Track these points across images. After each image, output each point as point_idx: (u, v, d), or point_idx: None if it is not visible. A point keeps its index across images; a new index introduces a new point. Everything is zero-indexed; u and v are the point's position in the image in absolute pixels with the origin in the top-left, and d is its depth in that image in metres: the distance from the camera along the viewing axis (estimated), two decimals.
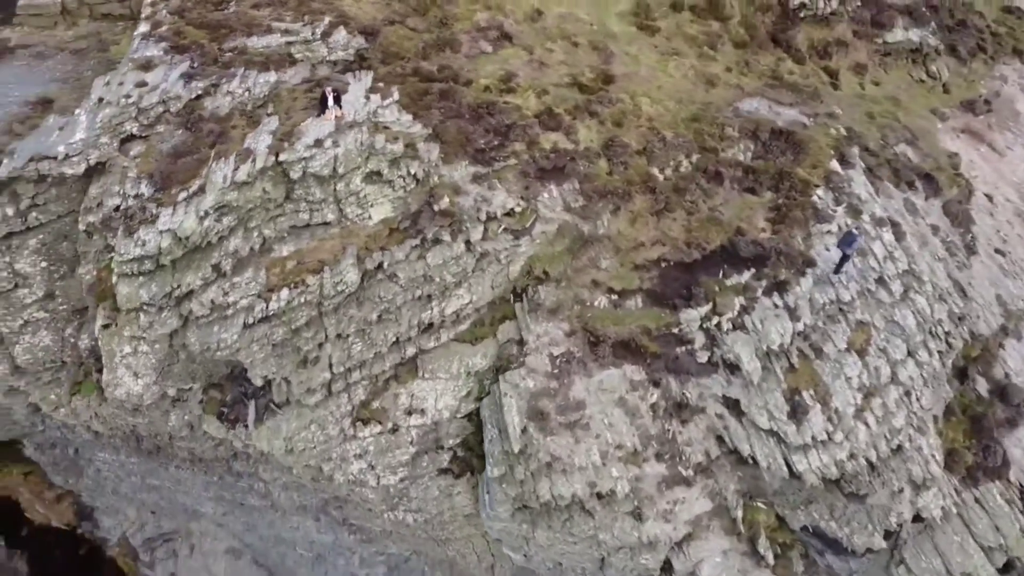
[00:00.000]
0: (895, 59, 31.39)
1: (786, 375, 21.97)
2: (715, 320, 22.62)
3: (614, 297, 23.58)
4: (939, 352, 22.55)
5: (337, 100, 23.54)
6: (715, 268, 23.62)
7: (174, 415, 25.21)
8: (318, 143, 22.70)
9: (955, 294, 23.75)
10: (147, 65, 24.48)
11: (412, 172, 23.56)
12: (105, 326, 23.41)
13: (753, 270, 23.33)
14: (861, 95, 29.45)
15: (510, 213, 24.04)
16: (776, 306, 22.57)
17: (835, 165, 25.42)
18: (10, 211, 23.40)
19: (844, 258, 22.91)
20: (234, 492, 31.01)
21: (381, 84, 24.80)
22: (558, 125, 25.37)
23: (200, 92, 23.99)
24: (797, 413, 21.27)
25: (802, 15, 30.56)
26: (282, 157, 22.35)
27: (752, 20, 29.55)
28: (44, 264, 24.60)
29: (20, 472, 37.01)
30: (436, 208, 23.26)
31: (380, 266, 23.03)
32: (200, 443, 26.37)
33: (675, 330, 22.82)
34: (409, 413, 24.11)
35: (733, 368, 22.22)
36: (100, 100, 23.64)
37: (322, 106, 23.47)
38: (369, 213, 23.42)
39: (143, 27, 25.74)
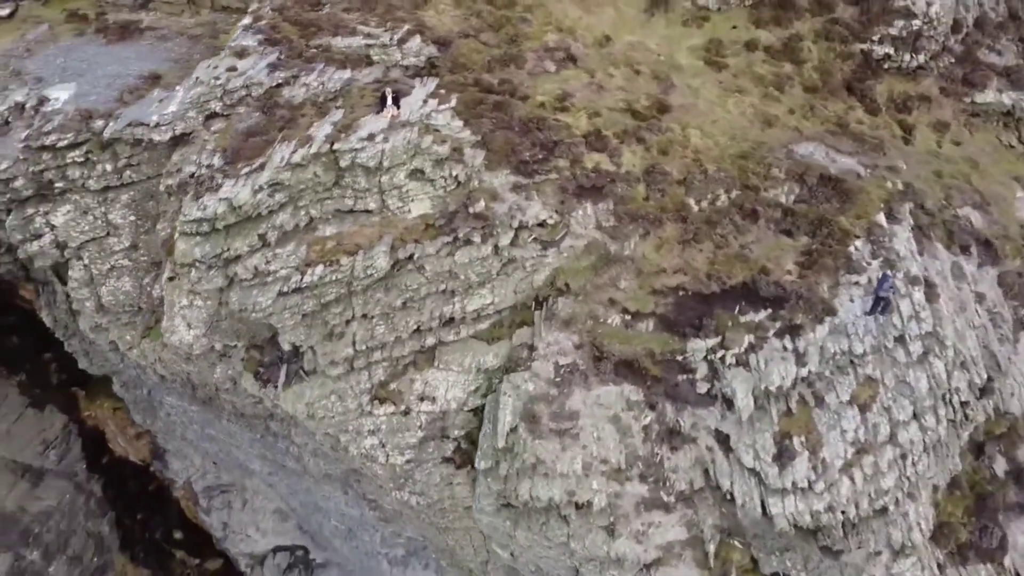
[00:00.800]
0: (984, 121, 30.02)
1: (781, 418, 21.77)
2: (720, 353, 22.70)
3: (627, 317, 24.10)
4: (949, 420, 21.63)
5: (395, 100, 25.53)
6: (732, 303, 23.69)
7: (219, 368, 27.83)
8: (370, 137, 24.71)
9: (982, 365, 22.64)
10: (241, 53, 27.41)
11: (454, 174, 25.10)
12: (170, 279, 26.36)
13: (770, 310, 23.23)
14: (935, 153, 28.44)
15: (542, 224, 25.08)
16: (785, 349, 22.39)
17: (881, 218, 24.85)
18: (109, 167, 26.88)
19: (878, 299, 22.49)
20: (275, 453, 33.47)
21: (442, 91, 26.52)
22: (604, 147, 26.22)
23: (280, 81, 26.60)
24: (783, 457, 21.07)
25: (886, 66, 29.91)
26: (336, 146, 24.51)
27: (829, 66, 29.23)
28: (132, 218, 27.97)
29: (110, 407, 41.37)
30: (471, 210, 24.66)
31: (411, 257, 24.66)
32: (241, 398, 28.86)
33: (679, 358, 23.08)
34: (421, 399, 25.53)
35: (729, 403, 22.23)
36: (196, 80, 26.74)
37: (381, 104, 25.51)
38: (409, 207, 25.14)
39: (247, 19, 28.81)
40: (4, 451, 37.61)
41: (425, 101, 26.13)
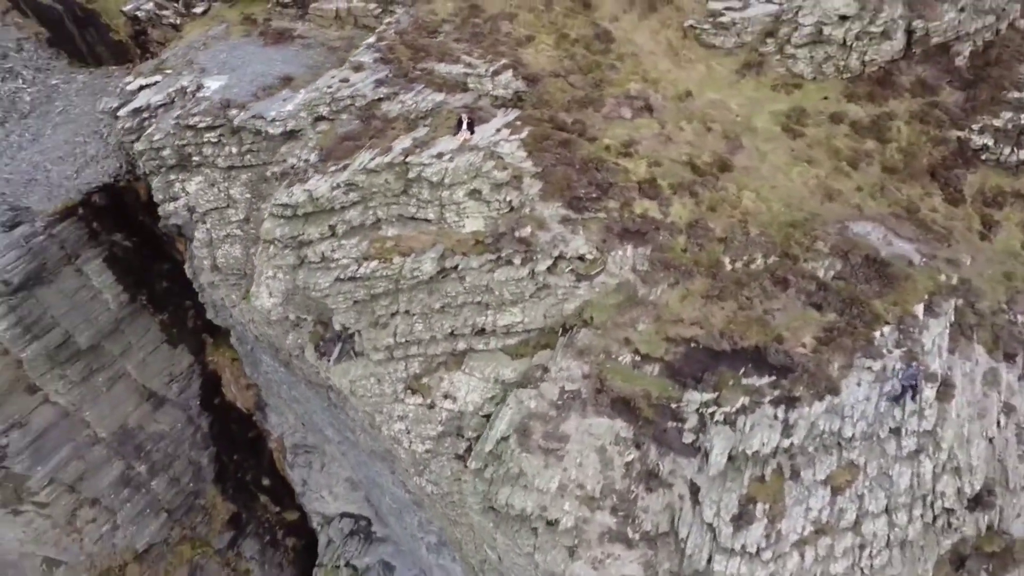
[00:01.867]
0: None
1: (752, 482, 22.10)
2: (712, 409, 23.33)
3: (637, 358, 25.21)
4: (927, 523, 20.93)
5: (470, 126, 28.16)
6: (739, 364, 24.18)
7: (291, 335, 31.69)
8: (439, 155, 27.48)
9: (981, 476, 21.58)
10: (358, 67, 31.24)
11: (509, 199, 27.32)
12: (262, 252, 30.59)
13: (773, 378, 23.53)
14: (1014, 254, 26.91)
15: (581, 258, 26.72)
16: (776, 417, 22.66)
17: (918, 309, 24.26)
18: (234, 150, 31.56)
19: (904, 389, 22.27)
20: (339, 423, 37.12)
21: (519, 123, 28.84)
22: (656, 195, 27.42)
23: (382, 96, 30.07)
24: (741, 519, 21.44)
25: (983, 157, 28.67)
26: (409, 158, 27.51)
27: (916, 149, 28.48)
28: (248, 195, 32.54)
29: (230, 356, 47.12)
30: (517, 234, 26.77)
31: (455, 267, 27.13)
32: (306, 366, 32.60)
33: (674, 405, 23.95)
34: (445, 397, 27.96)
35: (709, 457, 22.82)
36: (315, 86, 30.84)
37: (457, 127, 28.23)
38: (464, 222, 27.63)
39: (371, 39, 32.67)
40: (137, 375, 44.07)
41: (499, 130, 28.58)
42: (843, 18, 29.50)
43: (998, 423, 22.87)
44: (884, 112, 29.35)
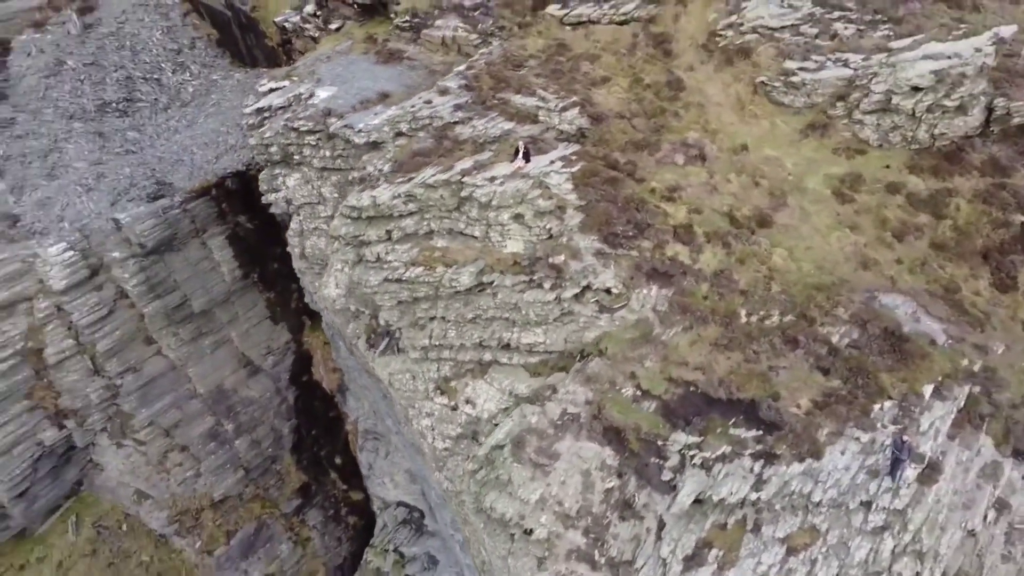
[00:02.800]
0: None
1: (712, 528, 22.66)
2: (694, 452, 24.01)
3: (638, 393, 26.19)
4: None
5: (526, 155, 30.21)
6: (731, 414, 24.68)
7: (351, 325, 34.89)
8: (492, 179, 29.73)
9: (945, 566, 20.94)
10: (444, 91, 34.14)
11: (549, 227, 29.12)
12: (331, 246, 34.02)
13: (760, 432, 23.89)
14: None
15: (608, 291, 28.08)
16: (751, 471, 23.07)
17: (926, 389, 23.82)
18: (328, 154, 35.29)
19: (897, 461, 22.25)
20: (394, 414, 39.97)
21: (574, 157, 30.62)
22: (690, 241, 28.31)
23: (458, 120, 32.75)
24: (693, 560, 22.08)
25: None
26: (464, 178, 29.96)
27: (972, 229, 27.57)
28: (336, 195, 36.18)
29: (323, 340, 51.52)
30: (551, 260, 28.55)
31: (491, 283, 29.26)
32: (359, 355, 35.70)
33: (660, 442, 24.78)
34: (467, 402, 30.07)
35: None
36: (402, 105, 34.01)
37: (515, 155, 30.38)
38: (506, 243, 29.67)
39: (462, 67, 35.49)
40: (239, 343, 49.20)
41: (553, 162, 30.46)
42: (916, 89, 29.10)
43: (985, 517, 22.07)
44: (946, 187, 28.65)
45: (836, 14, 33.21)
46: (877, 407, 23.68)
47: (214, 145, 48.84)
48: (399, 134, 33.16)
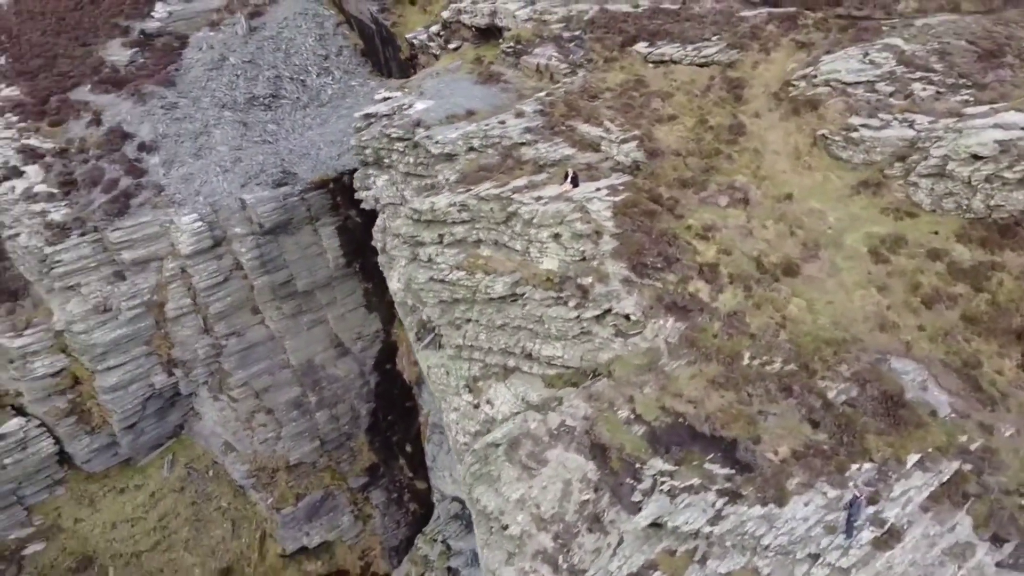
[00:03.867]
0: None
1: (662, 552, 23.41)
2: (665, 479, 24.86)
3: (631, 416, 27.24)
4: None
5: (574, 180, 31.99)
6: (711, 449, 25.27)
7: (408, 318, 37.92)
8: (539, 199, 31.72)
9: None
10: (520, 114, 36.55)
11: (583, 250, 30.71)
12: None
13: (732, 471, 24.39)
14: None
15: (627, 317, 29.35)
16: (712, 505, 23.65)
17: (910, 458, 23.41)
18: (411, 160, 38.55)
19: (850, 519, 22.32)
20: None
21: (620, 187, 32.07)
22: (712, 280, 29.00)
23: (524, 141, 35.01)
24: None
25: None
26: (514, 195, 32.14)
27: (1012, 306, 26.32)
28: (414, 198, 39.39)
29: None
30: (579, 281, 30.19)
31: (522, 295, 31.23)
32: (413, 347, 38.62)
33: (638, 465, 25.77)
34: (487, 402, 32.20)
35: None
36: (479, 123, 36.70)
37: (564, 179, 32.23)
38: (542, 259, 31.54)
39: (542, 93, 37.73)
40: (334, 325, 53.78)
41: (599, 189, 32.05)
42: (976, 157, 28.24)
43: None
44: (992, 260, 27.54)
45: (918, 75, 32.62)
46: (855, 467, 23.52)
47: (338, 144, 53.86)
48: (471, 149, 35.85)
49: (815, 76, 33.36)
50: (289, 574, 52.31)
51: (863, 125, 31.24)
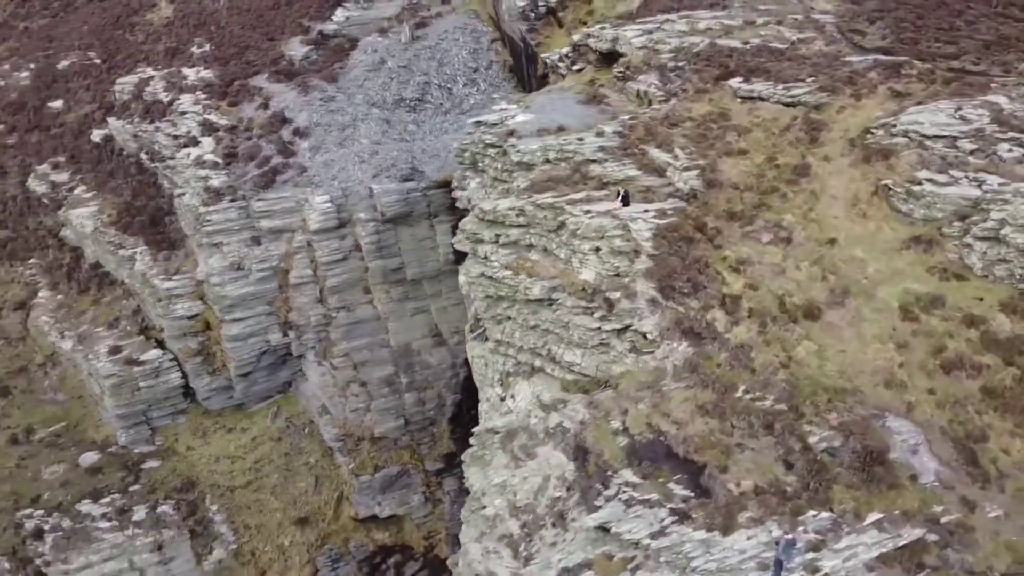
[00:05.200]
0: None
1: (600, 555, 24.20)
2: (627, 490, 25.56)
3: (620, 427, 28.07)
4: None
5: (624, 199, 33.12)
6: (679, 470, 25.69)
7: (469, 311, 40.41)
8: (587, 212, 33.16)
9: None
10: (599, 133, 38.09)
11: (618, 266, 31.84)
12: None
13: (692, 493, 24.71)
14: None
15: (644, 335, 30.21)
16: (660, 521, 24.13)
17: (871, 516, 22.66)
18: (499, 166, 40.83)
19: (778, 562, 22.33)
20: None
21: (669, 212, 32.81)
22: (731, 312, 29.13)
23: (595, 158, 36.50)
24: (568, 573, 23.86)
25: None
26: (565, 206, 33.75)
27: None
28: None
29: None
30: (607, 295, 31.40)
31: (557, 300, 32.79)
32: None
33: (610, 472, 26.62)
34: (512, 396, 34.04)
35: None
36: (560, 138, 38.60)
37: (616, 197, 33.41)
38: (581, 270, 32.97)
39: (626, 116, 38.97)
40: (435, 316, 57.44)
41: (647, 211, 32.94)
42: None
43: None
44: None
45: (1009, 135, 30.65)
46: (812, 513, 23.11)
47: None
48: (547, 160, 37.85)
49: (894, 126, 32.28)
50: (358, 537, 56.31)
51: (929, 179, 29.95)
